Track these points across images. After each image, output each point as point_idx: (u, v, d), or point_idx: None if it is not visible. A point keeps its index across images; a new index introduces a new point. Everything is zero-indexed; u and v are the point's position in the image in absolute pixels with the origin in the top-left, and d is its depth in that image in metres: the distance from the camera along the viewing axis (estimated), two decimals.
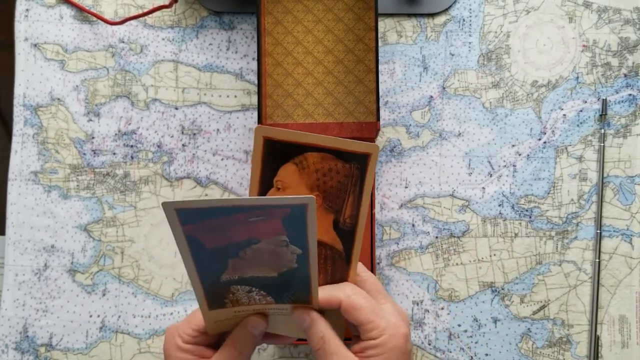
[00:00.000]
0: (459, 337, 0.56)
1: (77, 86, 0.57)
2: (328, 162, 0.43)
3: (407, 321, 0.43)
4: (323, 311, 0.43)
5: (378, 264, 0.56)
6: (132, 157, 0.57)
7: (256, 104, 0.57)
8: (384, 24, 0.57)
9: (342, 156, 0.43)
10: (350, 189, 0.43)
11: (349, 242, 0.44)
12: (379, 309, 0.42)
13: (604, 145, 0.56)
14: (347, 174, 0.43)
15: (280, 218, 0.38)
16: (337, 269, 0.44)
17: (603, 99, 0.57)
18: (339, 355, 0.41)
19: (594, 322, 0.56)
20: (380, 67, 0.57)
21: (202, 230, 0.37)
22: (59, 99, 0.57)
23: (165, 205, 0.36)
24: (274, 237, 0.38)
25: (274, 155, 0.43)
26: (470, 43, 0.57)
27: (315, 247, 0.39)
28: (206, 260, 0.39)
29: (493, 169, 0.57)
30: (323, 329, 0.42)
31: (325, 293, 0.42)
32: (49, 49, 0.58)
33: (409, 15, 0.57)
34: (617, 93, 0.57)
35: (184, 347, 0.45)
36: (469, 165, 0.57)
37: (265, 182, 0.43)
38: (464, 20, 0.57)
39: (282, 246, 0.39)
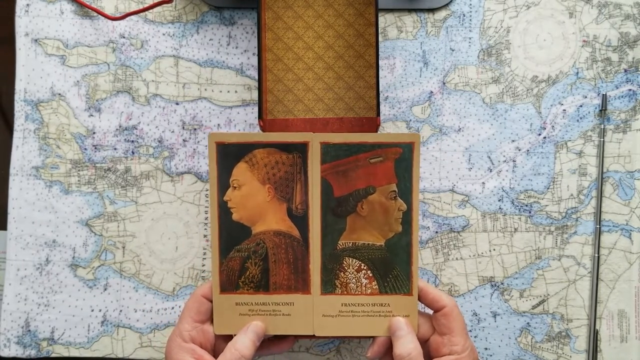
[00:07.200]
0: None
1: (77, 81, 0.58)
2: (274, 156, 0.47)
3: None
4: None
5: None
6: (133, 152, 0.57)
7: (257, 99, 0.57)
8: (384, 20, 0.57)
9: (285, 148, 0.47)
10: (297, 177, 0.47)
11: (303, 227, 0.47)
12: (467, 332, 0.47)
13: (603, 141, 0.57)
14: (292, 163, 0.47)
15: (393, 160, 0.46)
16: (298, 255, 0.47)
17: (603, 94, 0.57)
18: None
19: (593, 316, 0.56)
20: (381, 63, 0.57)
21: (333, 173, 0.46)
22: (59, 94, 0.57)
23: (313, 138, 0.46)
24: (386, 184, 0.46)
25: (227, 157, 0.47)
26: (470, 38, 0.57)
27: (418, 207, 0.47)
28: (329, 214, 0.46)
29: (493, 164, 0.57)
30: (414, 343, 0.46)
31: (434, 290, 0.47)
32: (49, 44, 0.58)
33: (409, 10, 0.57)
34: (617, 88, 0.57)
35: (185, 346, 0.46)
36: (469, 160, 0.57)
37: (222, 183, 0.47)
38: (464, 16, 0.57)
39: (391, 198, 0.46)
